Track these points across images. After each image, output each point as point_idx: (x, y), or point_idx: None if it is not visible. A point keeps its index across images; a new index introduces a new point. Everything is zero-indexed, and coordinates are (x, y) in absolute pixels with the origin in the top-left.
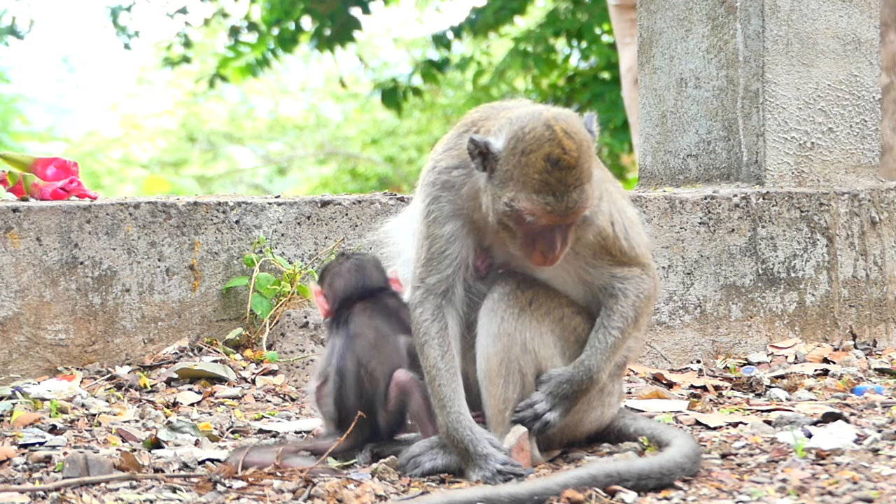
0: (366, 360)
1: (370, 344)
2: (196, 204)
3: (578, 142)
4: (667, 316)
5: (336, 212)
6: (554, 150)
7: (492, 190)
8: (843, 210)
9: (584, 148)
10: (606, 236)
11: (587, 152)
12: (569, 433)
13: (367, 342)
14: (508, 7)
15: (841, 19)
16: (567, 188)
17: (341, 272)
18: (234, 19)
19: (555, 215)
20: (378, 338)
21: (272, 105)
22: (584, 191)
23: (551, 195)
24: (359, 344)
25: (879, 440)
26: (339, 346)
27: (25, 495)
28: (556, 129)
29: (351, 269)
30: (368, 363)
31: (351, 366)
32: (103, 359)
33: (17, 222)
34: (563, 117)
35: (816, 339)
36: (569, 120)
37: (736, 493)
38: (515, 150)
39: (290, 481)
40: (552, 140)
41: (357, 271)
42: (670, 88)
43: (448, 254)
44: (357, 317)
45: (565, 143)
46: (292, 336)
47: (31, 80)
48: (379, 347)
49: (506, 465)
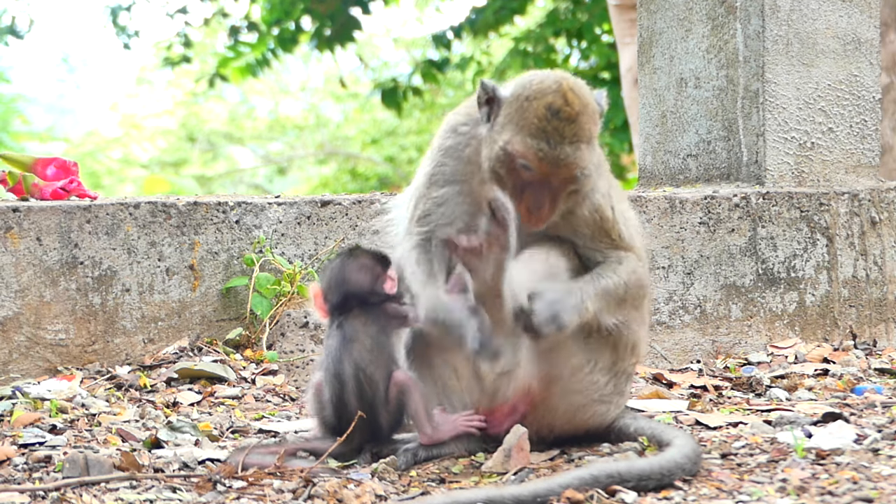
0: (364, 365)
1: (366, 349)
2: (196, 204)
3: (583, 102)
4: (667, 316)
5: (336, 212)
6: (556, 100)
7: (491, 137)
8: (843, 210)
9: (588, 110)
10: (606, 218)
11: (590, 116)
12: (572, 426)
13: (364, 347)
14: (508, 7)
15: (841, 19)
16: (562, 139)
17: (334, 276)
18: (234, 19)
19: (545, 163)
20: (374, 344)
21: (272, 105)
22: (579, 148)
23: (545, 142)
24: (356, 349)
25: (879, 440)
26: (334, 350)
27: (25, 495)
28: (562, 84)
29: (343, 273)
30: (366, 368)
31: (350, 370)
32: (103, 359)
33: (17, 222)
34: (573, 80)
35: (816, 339)
36: (578, 83)
37: (736, 493)
38: (520, 97)
39: (290, 481)
40: (557, 91)
41: (350, 274)
42: (670, 88)
43: (442, 213)
44: (352, 321)
45: (569, 96)
46: (292, 336)
47: (31, 80)
48: (375, 352)
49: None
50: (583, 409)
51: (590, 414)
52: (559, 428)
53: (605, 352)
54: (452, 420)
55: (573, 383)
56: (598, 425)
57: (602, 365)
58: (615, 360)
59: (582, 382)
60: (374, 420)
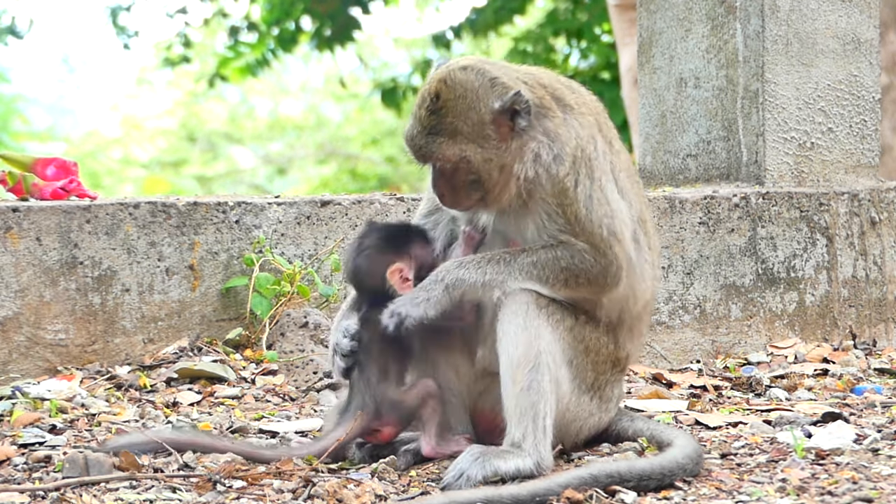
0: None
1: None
2: (196, 204)
3: (454, 94)
4: (667, 316)
5: (336, 212)
6: (427, 88)
7: None
8: (842, 210)
9: (458, 103)
10: (564, 192)
11: (460, 111)
12: (570, 440)
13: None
14: (508, 7)
15: (841, 19)
16: (422, 129)
17: (348, 262)
18: (233, 19)
19: (408, 148)
20: (380, 352)
21: (272, 105)
22: (435, 141)
23: (409, 128)
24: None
25: (879, 440)
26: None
27: (25, 495)
28: (441, 73)
29: (354, 262)
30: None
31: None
32: (103, 359)
33: (17, 222)
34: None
35: (816, 339)
36: (470, 75)
37: (736, 493)
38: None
39: (290, 481)
40: (432, 81)
41: (359, 263)
42: (670, 88)
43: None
44: (364, 327)
45: (437, 87)
46: (292, 336)
47: (31, 80)
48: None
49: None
50: (586, 422)
51: (588, 426)
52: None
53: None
54: (457, 441)
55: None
56: (596, 432)
57: (584, 386)
58: (595, 376)
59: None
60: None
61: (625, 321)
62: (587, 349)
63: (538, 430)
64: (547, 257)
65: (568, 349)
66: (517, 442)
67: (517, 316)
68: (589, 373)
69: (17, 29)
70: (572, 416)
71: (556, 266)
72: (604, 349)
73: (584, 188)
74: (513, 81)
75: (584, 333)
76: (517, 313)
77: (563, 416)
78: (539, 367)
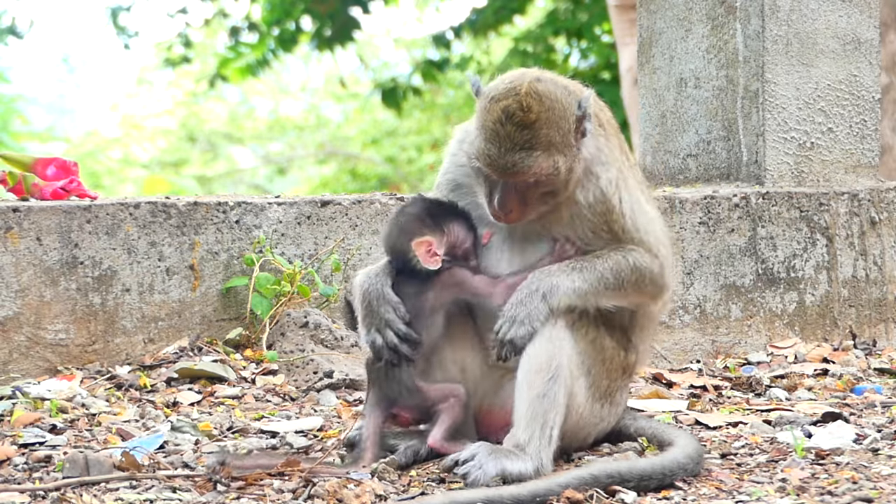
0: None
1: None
2: (196, 204)
3: (545, 106)
4: (667, 316)
5: (336, 212)
6: (512, 104)
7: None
8: (842, 210)
9: (550, 115)
10: (611, 209)
11: (553, 121)
12: (577, 444)
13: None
14: (508, 7)
15: (841, 19)
16: (513, 146)
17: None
18: (234, 19)
19: (493, 169)
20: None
21: (272, 105)
22: (531, 155)
23: (496, 147)
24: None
25: (879, 440)
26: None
27: (25, 495)
28: (523, 86)
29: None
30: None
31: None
32: (103, 358)
33: (17, 222)
34: (540, 84)
35: (816, 339)
36: (549, 86)
37: (736, 493)
38: (487, 97)
39: (290, 481)
40: (516, 95)
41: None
42: (670, 88)
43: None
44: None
45: (526, 101)
46: (292, 336)
47: (31, 80)
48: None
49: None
50: (594, 428)
51: (597, 432)
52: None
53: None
54: (462, 443)
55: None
56: (602, 435)
57: (598, 394)
58: (608, 383)
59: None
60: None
61: (637, 320)
62: (604, 359)
63: (544, 437)
64: (617, 259)
65: (587, 360)
66: (521, 444)
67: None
68: (603, 381)
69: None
70: (584, 424)
71: (627, 267)
72: (617, 357)
73: (626, 196)
74: (573, 85)
75: (603, 343)
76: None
77: (576, 423)
78: (558, 378)
